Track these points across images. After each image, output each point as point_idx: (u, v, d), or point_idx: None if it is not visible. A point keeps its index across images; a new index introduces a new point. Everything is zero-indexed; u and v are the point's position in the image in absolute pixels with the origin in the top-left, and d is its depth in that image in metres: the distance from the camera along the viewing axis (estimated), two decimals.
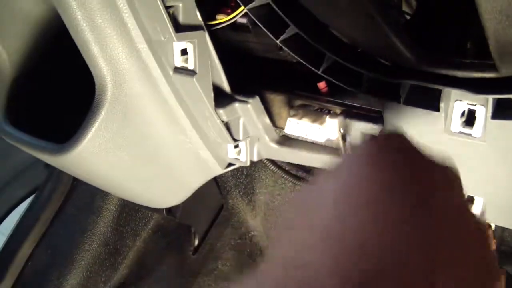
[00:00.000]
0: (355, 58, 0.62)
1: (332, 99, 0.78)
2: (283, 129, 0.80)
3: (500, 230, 1.26)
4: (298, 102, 0.81)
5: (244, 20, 0.76)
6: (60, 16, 0.75)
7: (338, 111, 0.77)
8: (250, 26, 0.75)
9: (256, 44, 0.81)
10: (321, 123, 0.76)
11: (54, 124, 0.92)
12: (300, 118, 0.78)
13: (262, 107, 0.81)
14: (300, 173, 1.37)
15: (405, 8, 0.75)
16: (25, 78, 0.98)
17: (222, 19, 0.79)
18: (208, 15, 0.78)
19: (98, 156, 0.86)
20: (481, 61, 0.55)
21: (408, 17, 0.72)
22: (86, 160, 0.88)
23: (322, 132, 0.75)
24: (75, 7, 0.72)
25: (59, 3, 0.73)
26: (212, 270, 1.56)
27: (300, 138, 0.81)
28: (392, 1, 0.72)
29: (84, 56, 0.77)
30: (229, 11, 0.79)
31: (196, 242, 1.51)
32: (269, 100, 0.84)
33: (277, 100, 0.84)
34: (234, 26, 0.79)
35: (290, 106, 0.82)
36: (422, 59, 0.56)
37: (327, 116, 0.75)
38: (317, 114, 0.78)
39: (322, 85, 0.77)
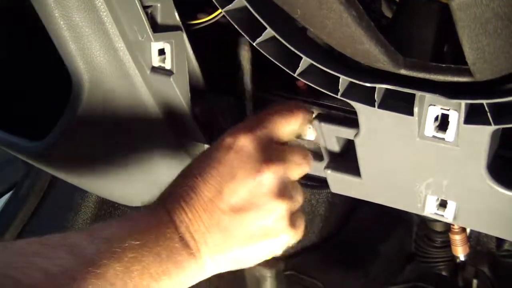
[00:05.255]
0: (332, 61, 0.62)
1: (308, 99, 0.79)
2: None
3: (477, 231, 1.27)
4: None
5: (225, 20, 0.76)
6: (37, 13, 0.74)
7: (315, 111, 0.77)
8: (231, 26, 0.75)
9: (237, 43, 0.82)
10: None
11: (30, 121, 0.91)
12: None
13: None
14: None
15: (385, 11, 0.76)
16: (1, 75, 0.97)
17: (202, 18, 0.79)
18: (189, 14, 0.78)
19: (74, 154, 0.86)
20: (458, 65, 0.55)
21: (387, 20, 0.73)
22: (62, 158, 0.87)
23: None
24: (52, 5, 0.72)
25: (36, 1, 0.72)
26: None
27: None
28: (370, 5, 0.72)
29: (61, 54, 0.77)
30: (210, 10, 0.79)
31: None
32: (249, 99, 0.84)
33: (256, 100, 0.84)
34: (215, 25, 0.79)
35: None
36: (399, 63, 0.57)
37: None
38: None
39: (301, 82, 0.78)
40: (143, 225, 0.63)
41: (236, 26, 0.63)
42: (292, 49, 0.61)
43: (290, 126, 0.70)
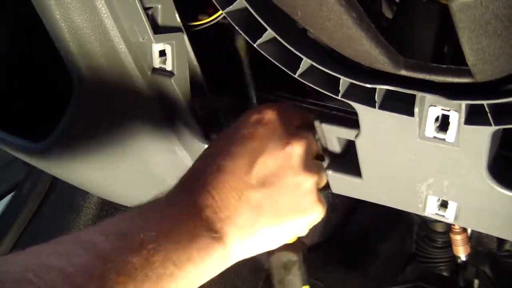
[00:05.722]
0: (332, 62, 0.62)
1: (310, 100, 0.79)
2: None
3: (477, 231, 1.27)
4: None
5: (226, 21, 0.76)
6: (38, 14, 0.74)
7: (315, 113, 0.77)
8: (232, 27, 0.75)
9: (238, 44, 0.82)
10: None
11: (31, 122, 0.92)
12: None
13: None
14: None
15: (386, 12, 0.76)
16: (2, 75, 0.97)
17: (203, 20, 0.79)
18: (189, 15, 0.79)
19: (75, 155, 0.86)
20: (458, 66, 0.55)
21: (388, 21, 0.73)
22: (63, 159, 0.87)
23: None
24: (53, 6, 0.72)
25: (37, 2, 0.73)
26: None
27: None
28: (371, 6, 0.72)
29: (62, 54, 0.77)
30: (211, 11, 0.79)
31: None
32: (250, 101, 0.84)
33: (259, 101, 0.84)
34: (216, 26, 0.79)
35: None
36: (399, 64, 0.57)
37: None
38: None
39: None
40: (159, 215, 0.61)
41: (236, 27, 0.63)
42: (293, 50, 0.61)
43: (300, 116, 0.72)
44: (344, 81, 0.62)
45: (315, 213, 0.68)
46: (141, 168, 0.90)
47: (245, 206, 0.63)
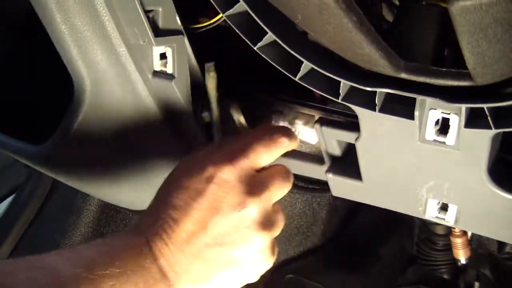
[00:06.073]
0: (333, 65, 0.62)
1: (310, 103, 0.79)
2: None
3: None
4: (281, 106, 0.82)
5: (226, 24, 0.76)
6: (39, 17, 0.74)
7: (316, 116, 0.77)
8: (232, 30, 0.75)
9: (238, 48, 0.82)
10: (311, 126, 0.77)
11: (32, 124, 0.92)
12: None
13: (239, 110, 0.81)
14: (299, 183, 1.35)
15: (386, 15, 0.76)
16: (3, 77, 0.97)
17: (204, 22, 0.79)
18: (190, 18, 0.79)
19: (76, 157, 0.86)
20: (458, 69, 0.55)
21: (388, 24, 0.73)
22: (64, 162, 0.87)
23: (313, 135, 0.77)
24: (54, 10, 0.72)
25: (38, 5, 0.73)
26: None
27: None
28: (371, 9, 0.72)
29: (63, 58, 0.77)
30: (211, 14, 0.79)
31: None
32: (251, 103, 0.84)
33: (259, 103, 0.84)
34: (217, 28, 0.79)
35: (273, 109, 0.83)
36: (399, 67, 0.57)
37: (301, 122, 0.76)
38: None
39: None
40: (123, 253, 0.62)
41: (237, 30, 0.63)
42: (293, 53, 0.61)
43: (271, 155, 0.69)
44: (345, 84, 0.62)
45: (267, 265, 0.69)
46: (142, 171, 0.90)
47: (198, 259, 0.64)
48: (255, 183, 0.67)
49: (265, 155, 0.68)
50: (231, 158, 0.67)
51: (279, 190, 0.69)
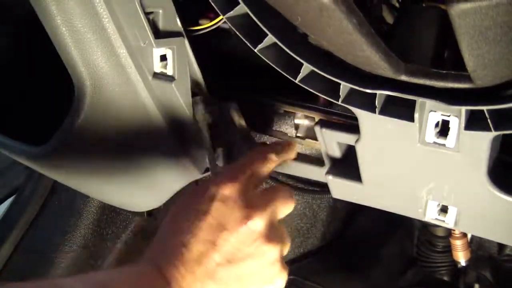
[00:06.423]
0: (333, 67, 0.63)
1: (310, 105, 0.79)
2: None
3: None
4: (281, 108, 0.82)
5: (227, 26, 0.76)
6: (39, 18, 0.74)
7: (316, 118, 0.77)
8: (232, 32, 0.75)
9: (239, 49, 0.82)
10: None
11: (32, 125, 0.92)
12: None
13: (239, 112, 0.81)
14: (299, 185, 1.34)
15: (387, 17, 0.76)
16: (3, 78, 0.97)
17: (204, 24, 0.79)
18: (190, 20, 0.79)
19: (76, 159, 0.86)
20: (458, 72, 0.55)
21: (388, 26, 0.73)
22: (64, 163, 0.87)
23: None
24: (55, 12, 0.72)
25: (38, 6, 0.73)
26: None
27: None
28: (371, 11, 0.72)
29: (63, 59, 0.77)
30: (212, 16, 0.79)
31: None
32: (250, 106, 0.84)
33: (259, 106, 0.84)
34: (217, 31, 0.79)
35: (274, 111, 0.83)
36: (399, 69, 0.57)
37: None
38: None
39: None
40: (136, 280, 0.63)
41: (237, 33, 0.63)
42: (293, 55, 0.61)
43: (269, 167, 0.71)
44: (345, 87, 0.62)
45: (280, 281, 0.69)
46: (142, 173, 0.90)
47: (210, 279, 0.65)
48: (258, 198, 0.68)
49: (263, 169, 0.71)
50: (231, 176, 0.68)
51: (283, 207, 0.70)
